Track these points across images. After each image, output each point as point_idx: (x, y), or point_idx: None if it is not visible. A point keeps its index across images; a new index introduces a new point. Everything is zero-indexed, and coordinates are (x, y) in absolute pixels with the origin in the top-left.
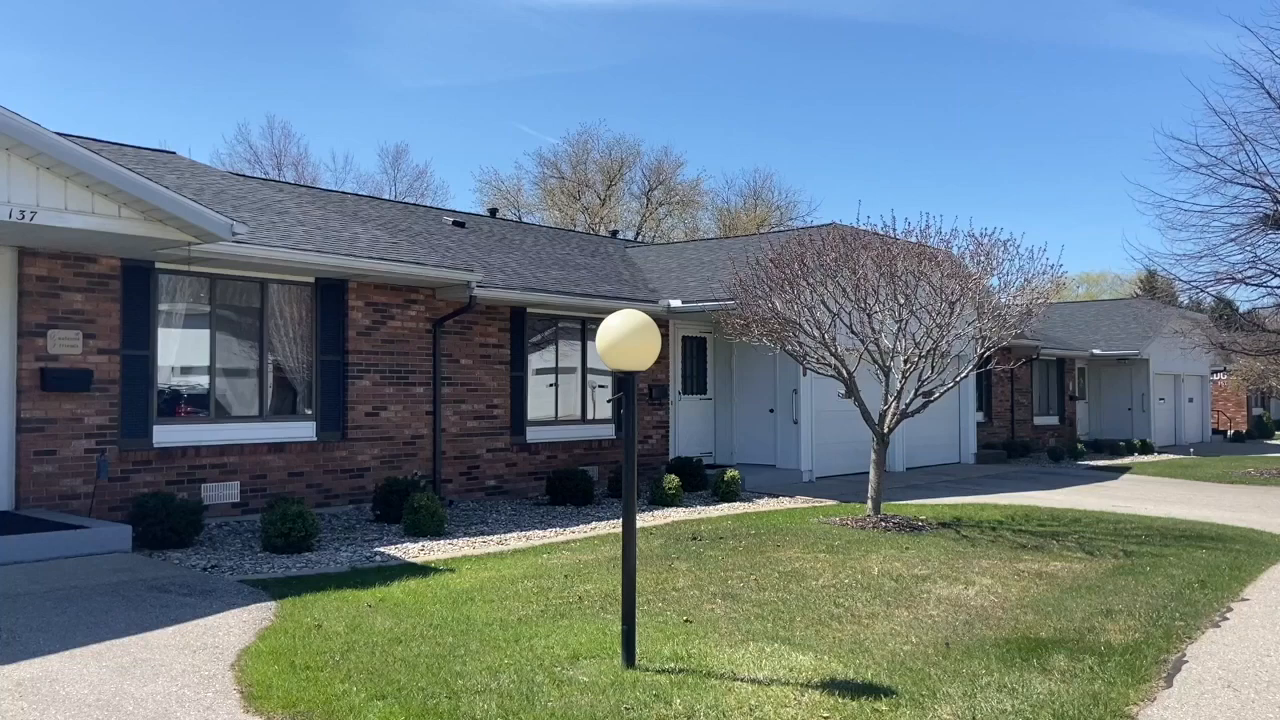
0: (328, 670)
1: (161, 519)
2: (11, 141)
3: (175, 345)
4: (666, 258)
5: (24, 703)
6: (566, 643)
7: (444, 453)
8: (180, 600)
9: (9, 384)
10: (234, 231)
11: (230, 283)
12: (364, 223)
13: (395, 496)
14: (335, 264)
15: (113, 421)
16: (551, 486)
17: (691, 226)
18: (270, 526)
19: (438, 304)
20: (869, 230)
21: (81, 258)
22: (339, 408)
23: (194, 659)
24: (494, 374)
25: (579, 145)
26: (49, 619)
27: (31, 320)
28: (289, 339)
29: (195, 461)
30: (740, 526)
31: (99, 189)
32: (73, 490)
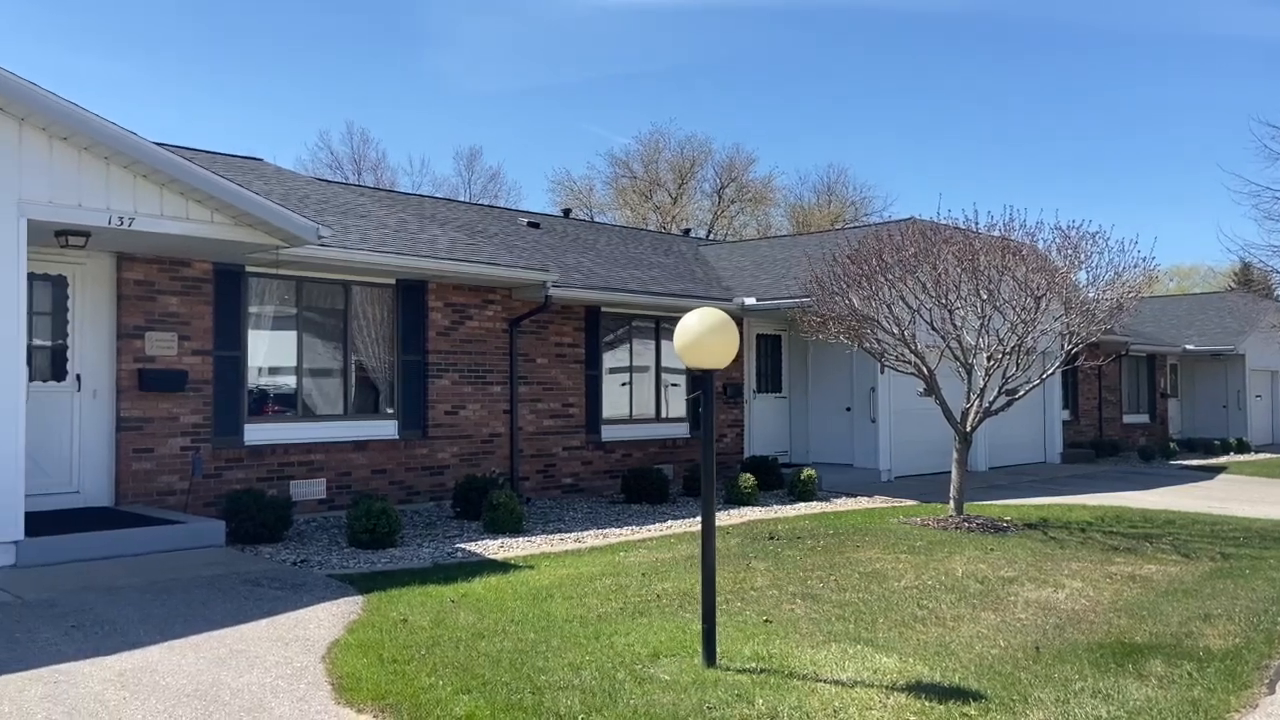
0: (414, 664)
1: (253, 515)
2: (111, 150)
3: (264, 346)
4: (740, 255)
5: (125, 692)
6: (646, 640)
7: (521, 451)
8: (272, 594)
9: (109, 384)
10: (319, 235)
11: (315, 285)
12: (442, 225)
13: (474, 494)
14: (415, 265)
15: (206, 420)
16: (627, 485)
17: (764, 224)
18: (355, 523)
19: (514, 304)
20: (949, 224)
21: (176, 262)
22: (419, 407)
23: (286, 651)
24: (569, 373)
25: (650, 144)
26: (149, 611)
27: (129, 322)
28: (371, 339)
29: (284, 459)
30: (818, 526)
31: (193, 195)
32: (169, 487)
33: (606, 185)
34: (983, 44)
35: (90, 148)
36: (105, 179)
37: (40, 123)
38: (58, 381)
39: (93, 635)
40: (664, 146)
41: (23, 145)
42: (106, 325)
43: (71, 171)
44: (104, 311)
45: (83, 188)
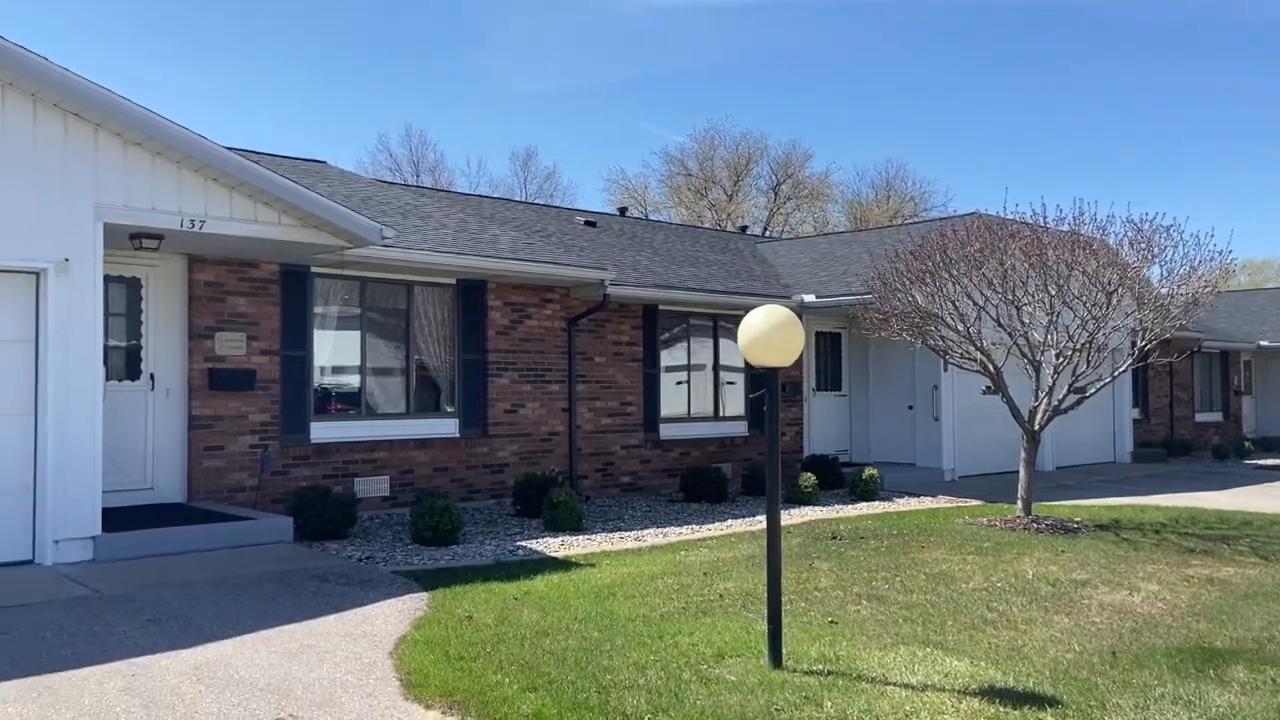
0: (480, 661)
1: (319, 512)
2: (182, 155)
3: (329, 345)
4: (798, 252)
5: (200, 685)
6: (711, 640)
7: (579, 449)
8: (340, 589)
9: (181, 383)
10: (383, 236)
11: (378, 285)
12: (501, 224)
13: (534, 492)
14: (475, 265)
15: (274, 419)
16: (685, 484)
17: (821, 220)
18: (419, 520)
19: (572, 303)
20: (1015, 219)
21: (244, 263)
22: (480, 405)
23: (355, 646)
24: (627, 371)
25: (705, 142)
26: (221, 605)
27: (200, 323)
28: (432, 339)
29: (348, 457)
30: (881, 526)
31: (260, 198)
32: (238, 484)
33: (661, 183)
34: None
35: (163, 152)
36: (177, 183)
37: (115, 128)
38: (132, 381)
39: (168, 629)
40: (719, 143)
41: (99, 151)
42: (178, 326)
43: (145, 176)
44: (176, 312)
45: (156, 191)
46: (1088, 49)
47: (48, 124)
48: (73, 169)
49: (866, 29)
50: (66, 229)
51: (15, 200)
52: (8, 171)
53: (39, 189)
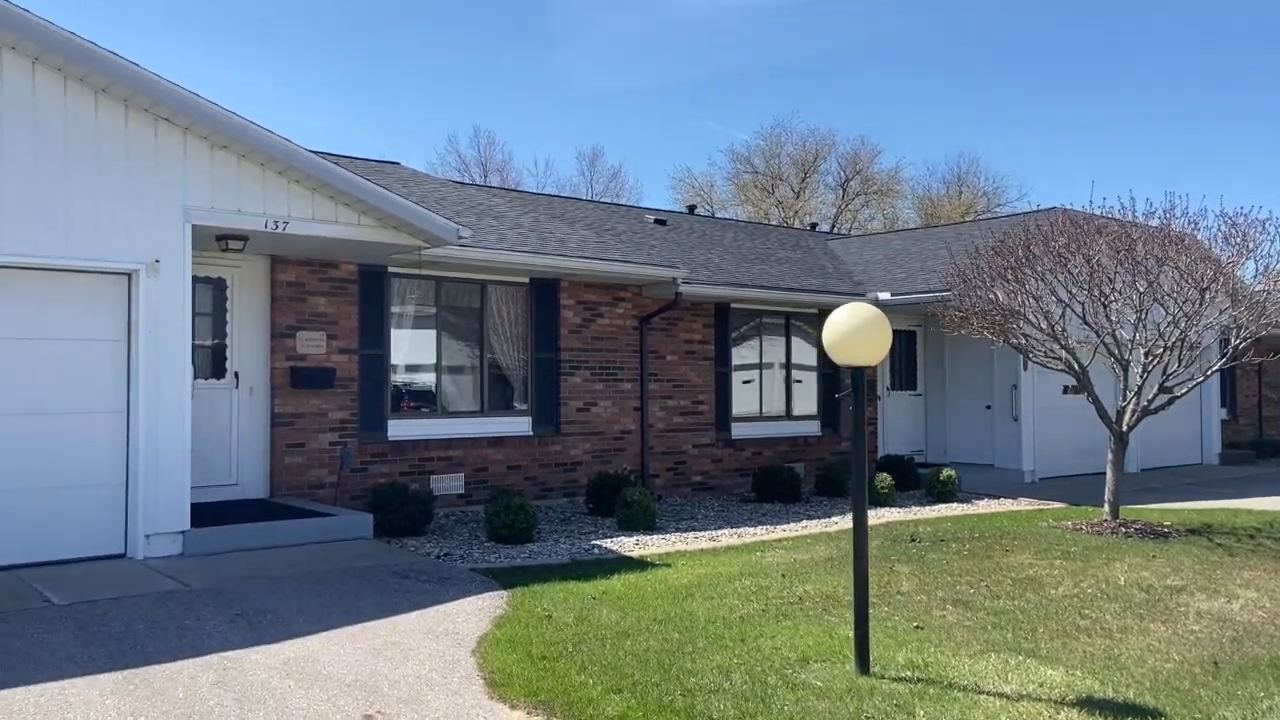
0: (563, 661)
1: (397, 508)
2: (267, 157)
3: (405, 344)
4: (870, 249)
5: (290, 680)
6: (794, 644)
7: (651, 448)
8: (420, 586)
9: (264, 381)
10: (459, 235)
11: (453, 284)
12: (571, 223)
13: (607, 491)
14: (548, 264)
15: (353, 416)
16: (758, 483)
17: (890, 216)
18: (495, 518)
19: (644, 301)
20: (1101, 214)
21: (325, 264)
22: (552, 404)
23: (438, 644)
24: (699, 370)
25: (772, 139)
26: (306, 601)
27: (282, 322)
28: (505, 337)
29: (424, 454)
30: (961, 528)
31: (341, 199)
32: (319, 480)
33: (727, 181)
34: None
35: (248, 155)
36: (262, 185)
37: (203, 132)
38: (218, 379)
39: (257, 624)
40: (786, 140)
41: (187, 154)
42: (261, 325)
43: (231, 178)
44: (259, 312)
45: (241, 194)
46: (1182, 38)
47: (139, 128)
48: (163, 172)
49: (938, 22)
50: (157, 231)
51: (110, 203)
52: (103, 175)
53: (131, 192)
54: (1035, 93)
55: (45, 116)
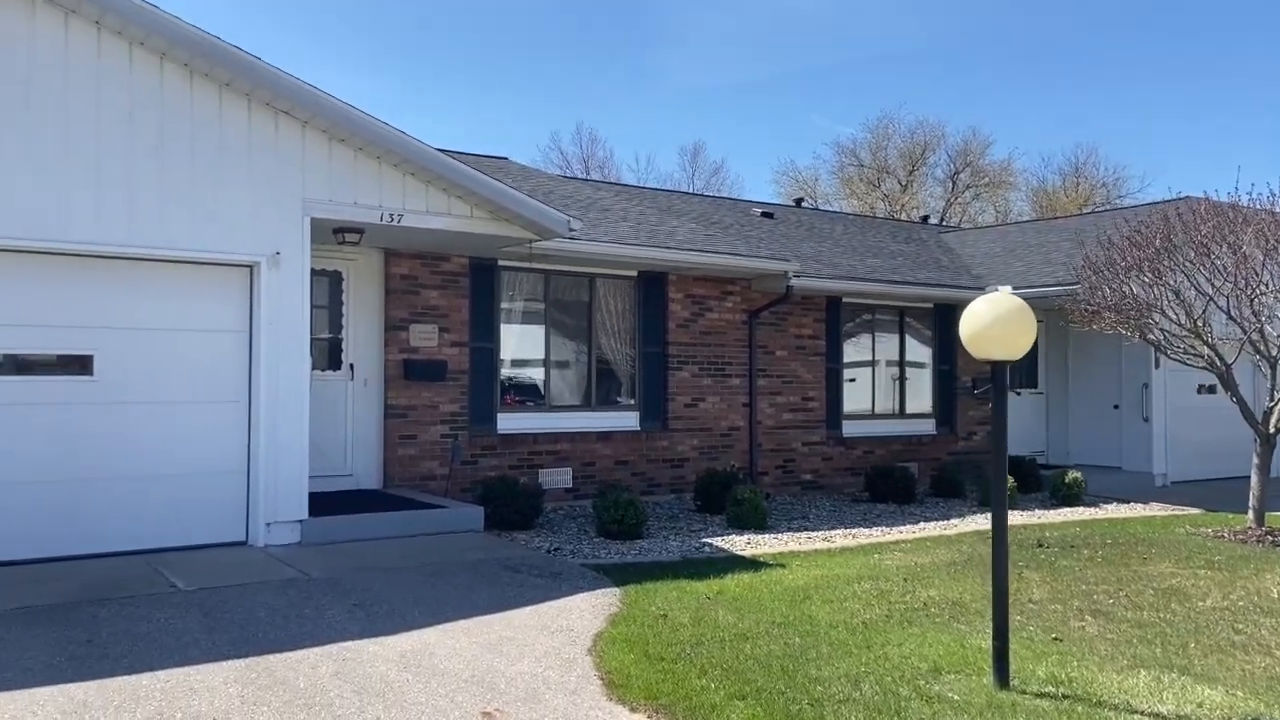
0: (682, 663)
1: (507, 501)
2: (383, 150)
3: (514, 337)
4: (987, 241)
5: (408, 674)
6: (923, 654)
7: (759, 445)
8: (532, 581)
9: (378, 374)
10: (570, 227)
11: (561, 278)
12: (678, 216)
13: (716, 488)
14: (658, 257)
15: (463, 409)
16: (871, 483)
17: (1002, 209)
18: (604, 513)
19: (753, 295)
20: (1243, 203)
21: (436, 257)
22: (660, 399)
23: (553, 641)
24: (809, 366)
25: (879, 131)
26: (421, 593)
27: (396, 315)
28: (613, 331)
29: (532, 448)
30: (1091, 534)
31: (454, 191)
32: (430, 472)
33: (832, 175)
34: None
35: (364, 148)
36: (378, 178)
37: (321, 125)
38: (334, 371)
39: (374, 615)
40: (893, 133)
41: (306, 148)
42: (376, 317)
43: (348, 171)
44: (373, 304)
45: (358, 187)
46: None
47: (261, 122)
48: (283, 166)
49: (1050, 8)
50: (277, 223)
51: (232, 196)
52: (226, 168)
53: (253, 185)
54: (1163, 80)
55: (173, 111)
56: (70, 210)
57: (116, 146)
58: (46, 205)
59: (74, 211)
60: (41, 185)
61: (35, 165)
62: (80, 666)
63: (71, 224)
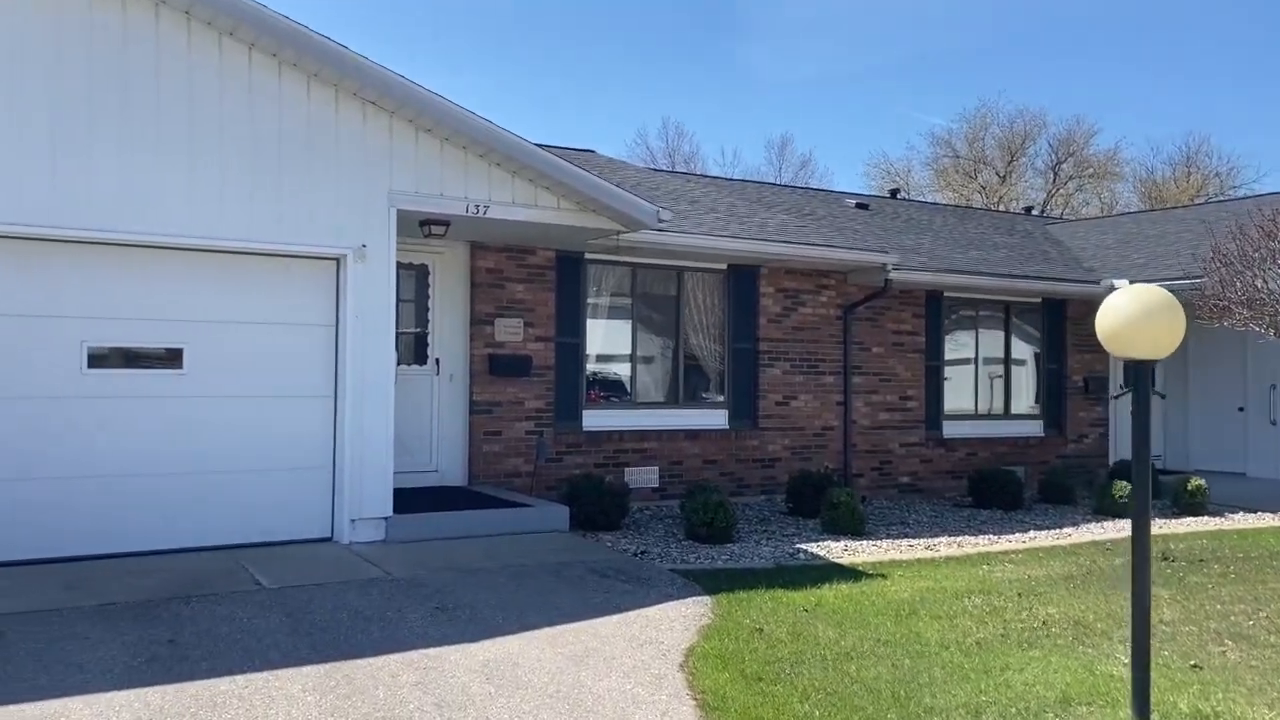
0: (782, 685)
1: (593, 501)
2: (469, 140)
3: (600, 332)
4: (1098, 233)
5: (490, 686)
6: (1049, 681)
7: (854, 446)
8: (619, 587)
9: (463, 369)
10: (660, 218)
11: (649, 271)
12: (769, 208)
13: (809, 490)
14: (748, 249)
15: (548, 405)
16: (974, 487)
17: (1108, 201)
18: (693, 515)
19: (848, 289)
20: None
21: (522, 250)
22: (750, 396)
23: (642, 654)
24: (907, 363)
25: (976, 121)
26: (504, 597)
27: (481, 309)
28: (701, 327)
29: (618, 446)
30: (1220, 546)
31: (541, 182)
32: (515, 469)
33: (925, 166)
34: None
35: (451, 138)
36: (464, 169)
37: (409, 115)
38: (420, 365)
39: (456, 620)
40: (991, 122)
41: (393, 139)
42: (461, 312)
43: (434, 162)
44: (459, 299)
45: (444, 178)
46: None
47: (348, 113)
48: (370, 157)
49: None
50: (364, 216)
51: (321, 188)
52: (314, 160)
53: (340, 177)
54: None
55: (261, 102)
56: (163, 203)
57: (207, 140)
58: (140, 198)
59: (166, 204)
60: (136, 178)
61: (130, 159)
62: (160, 669)
63: (164, 217)
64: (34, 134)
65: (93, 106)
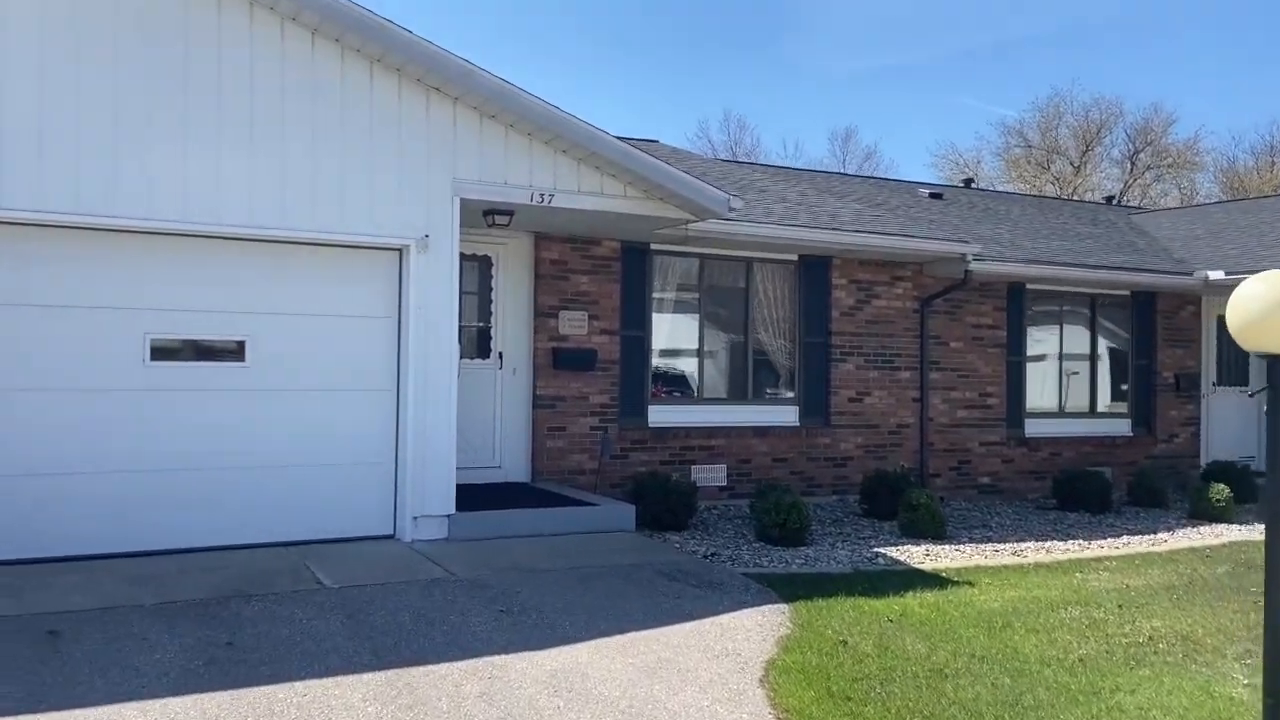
0: (873, 706)
1: (659, 499)
2: (534, 126)
3: (666, 325)
4: (1185, 223)
5: (559, 700)
6: (1165, 704)
7: (931, 445)
8: (690, 592)
9: (527, 362)
10: (730, 206)
11: (717, 263)
12: (840, 197)
13: (884, 490)
14: (821, 239)
15: (613, 400)
16: (1059, 489)
17: (1188, 192)
18: (764, 516)
19: (925, 281)
20: None
21: (587, 241)
22: (821, 392)
23: (718, 667)
24: (987, 358)
25: (1049, 110)
26: (570, 600)
27: (545, 302)
28: (771, 320)
29: (685, 442)
30: None
31: (608, 170)
32: (579, 466)
33: (996, 157)
34: None
35: (516, 124)
36: (529, 156)
37: (473, 101)
38: (483, 359)
39: (521, 624)
40: (1065, 111)
41: (457, 126)
42: (525, 304)
43: (498, 150)
44: (523, 291)
45: (509, 165)
46: None
47: (411, 99)
48: (434, 144)
49: None
50: (427, 205)
51: (383, 177)
52: (376, 147)
53: (403, 165)
54: None
55: (324, 87)
56: (224, 193)
57: (269, 127)
58: (202, 187)
59: (227, 194)
60: (198, 167)
61: (190, 148)
62: (217, 673)
63: (225, 206)
64: (94, 122)
65: (152, 95)
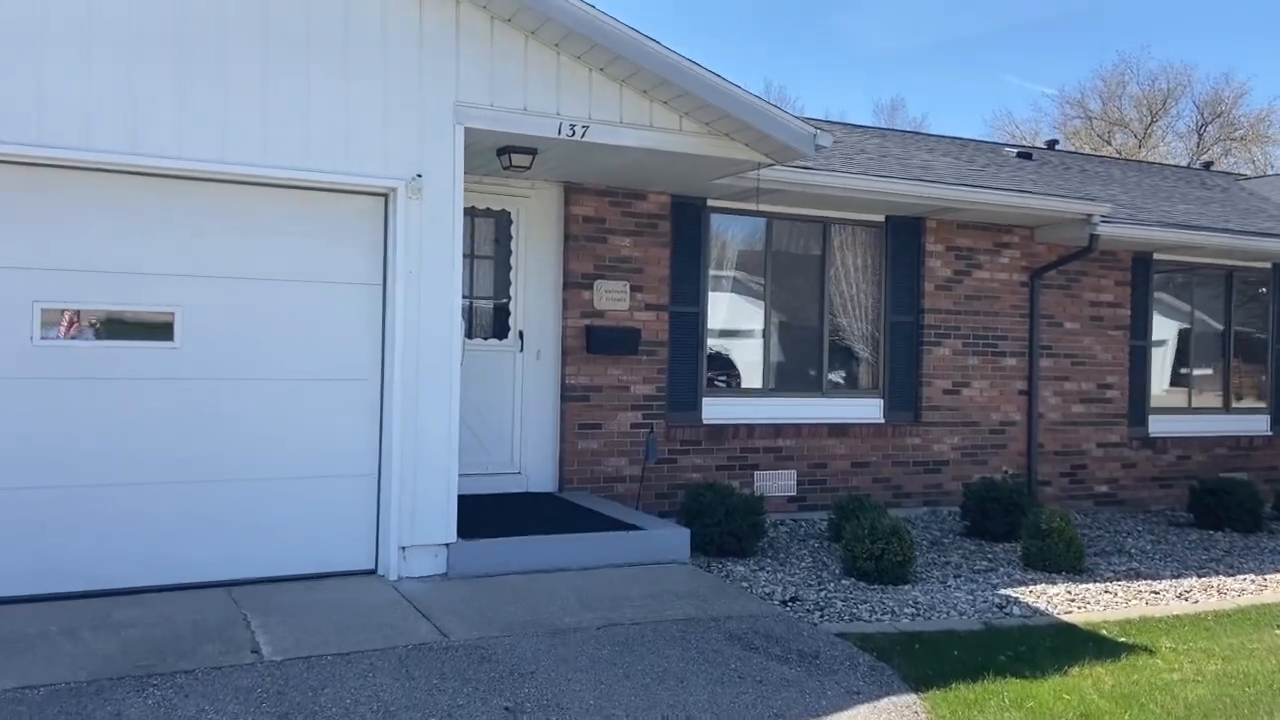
0: None
1: (719, 519)
2: (562, 34)
3: (725, 301)
4: None
5: None
6: None
7: (1040, 445)
8: (775, 671)
9: (554, 344)
10: (817, 144)
11: (787, 224)
12: (929, 151)
13: (995, 505)
14: (916, 193)
15: (659, 391)
16: (1196, 501)
17: (1260, 165)
18: (856, 545)
19: (1036, 248)
20: None
21: (629, 194)
22: (911, 382)
23: None
24: (1107, 343)
25: (1113, 79)
26: (605, 682)
27: (577, 269)
28: (850, 295)
29: (746, 444)
30: None
31: (658, 94)
32: (617, 472)
33: (1054, 129)
34: None
35: (538, 31)
36: (555, 73)
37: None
38: (499, 340)
39: None
40: (1130, 80)
41: (460, 33)
42: (551, 272)
43: (516, 64)
44: (549, 256)
45: (529, 86)
46: None
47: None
48: (430, 58)
49: None
50: (420, 135)
51: (361, 97)
52: (353, 60)
53: (388, 84)
54: None
55: None
56: (141, 111)
57: (205, 29)
58: (115, 106)
59: (145, 115)
60: (103, 77)
61: (97, 51)
62: None
63: (143, 132)
64: None
65: None
